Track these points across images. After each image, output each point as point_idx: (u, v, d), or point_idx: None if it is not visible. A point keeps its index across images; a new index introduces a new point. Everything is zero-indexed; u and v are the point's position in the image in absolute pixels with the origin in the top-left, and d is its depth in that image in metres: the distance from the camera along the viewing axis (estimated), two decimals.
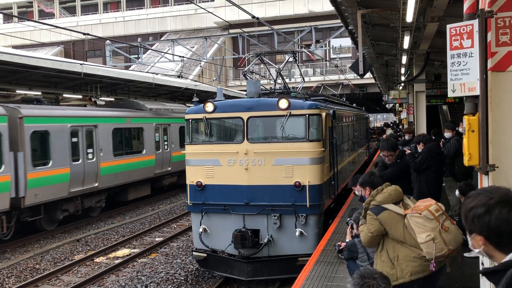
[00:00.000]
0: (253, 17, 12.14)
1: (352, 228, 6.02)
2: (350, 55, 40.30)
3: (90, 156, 15.88)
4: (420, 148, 8.58)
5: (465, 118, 3.15)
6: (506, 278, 1.71)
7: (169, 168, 20.90)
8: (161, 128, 20.68)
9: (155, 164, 19.69)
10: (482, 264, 3.25)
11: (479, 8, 3.02)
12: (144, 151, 19.11)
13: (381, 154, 7.70)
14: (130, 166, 18.16)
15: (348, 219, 6.39)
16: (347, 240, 6.05)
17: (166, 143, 20.95)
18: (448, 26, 3.21)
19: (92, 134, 16.16)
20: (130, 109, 19.56)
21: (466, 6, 3.18)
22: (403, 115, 26.45)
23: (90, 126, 16.08)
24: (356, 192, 8.40)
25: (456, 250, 3.88)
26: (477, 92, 3.05)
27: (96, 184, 16.02)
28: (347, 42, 32.65)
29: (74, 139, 15.21)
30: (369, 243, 4.36)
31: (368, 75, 16.48)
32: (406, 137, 12.68)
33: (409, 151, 8.44)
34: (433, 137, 11.42)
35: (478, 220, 1.87)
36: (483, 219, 1.85)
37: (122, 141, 18.09)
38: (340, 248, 7.61)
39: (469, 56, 3.09)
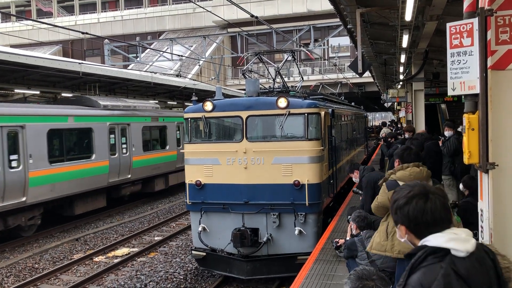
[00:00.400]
0: (252, 16, 12.13)
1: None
2: (348, 54, 40.31)
3: (14, 164, 12.84)
4: None
5: (465, 116, 3.16)
6: (414, 258, 1.93)
7: (129, 176, 17.80)
8: (118, 128, 17.39)
9: (109, 171, 16.56)
10: None
11: (479, 6, 3.03)
12: (93, 156, 15.97)
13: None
14: (74, 174, 15.01)
15: (349, 217, 6.44)
16: (347, 238, 6.08)
17: (124, 146, 17.64)
18: (448, 25, 3.21)
19: (18, 137, 13.00)
20: (77, 105, 16.59)
21: (466, 4, 3.19)
22: (402, 114, 26.49)
23: (14, 126, 12.94)
24: (354, 179, 8.49)
25: None
26: (477, 90, 3.05)
27: (24, 199, 13.03)
28: (345, 41, 32.66)
29: None
30: (374, 210, 4.67)
31: (367, 74, 16.52)
32: (406, 135, 12.70)
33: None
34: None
35: (400, 211, 2.03)
36: (403, 210, 2.01)
37: (63, 144, 14.97)
38: (338, 244, 7.65)
39: (469, 55, 3.09)
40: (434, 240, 1.95)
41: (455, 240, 1.92)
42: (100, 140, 16.25)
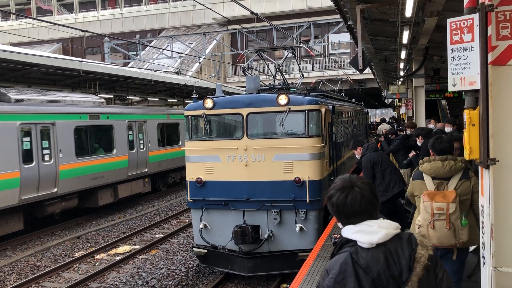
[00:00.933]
0: (252, 12, 12.11)
1: None
2: (348, 50, 40.25)
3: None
4: (419, 141, 8.60)
5: (466, 112, 3.16)
6: (335, 246, 2.20)
7: (55, 190, 14.21)
8: (36, 129, 13.65)
9: (21, 185, 12.87)
10: (483, 257, 3.27)
11: (479, 2, 3.02)
12: None
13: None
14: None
15: None
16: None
17: (47, 152, 14.05)
18: (448, 20, 3.21)
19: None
20: None
21: (466, 0, 3.19)
22: (402, 110, 26.47)
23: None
24: (356, 155, 8.50)
25: (444, 247, 4.23)
26: (477, 86, 3.05)
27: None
28: (345, 37, 32.61)
29: None
30: (408, 195, 5.04)
31: (367, 70, 16.50)
32: (408, 131, 12.70)
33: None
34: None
35: (328, 201, 2.21)
36: (330, 201, 2.19)
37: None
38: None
39: (469, 50, 3.09)
40: (346, 231, 2.16)
41: (360, 232, 2.08)
42: (3, 146, 12.53)
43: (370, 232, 2.07)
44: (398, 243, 2.07)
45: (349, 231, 2.13)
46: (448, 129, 9.57)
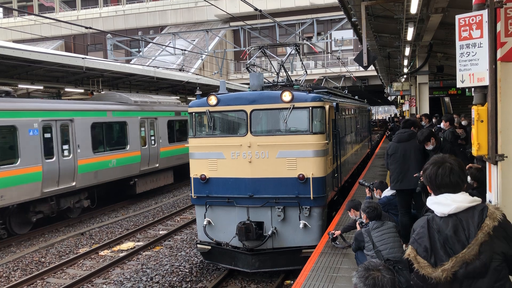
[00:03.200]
0: (256, 9, 12.10)
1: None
2: (351, 47, 40.18)
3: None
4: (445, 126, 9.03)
5: (474, 108, 3.16)
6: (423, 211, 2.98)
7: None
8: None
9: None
10: None
11: None
12: None
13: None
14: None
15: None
16: (348, 224, 6.23)
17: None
18: (457, 17, 3.20)
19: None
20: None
21: None
22: (405, 107, 26.43)
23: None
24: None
25: None
26: (486, 82, 3.04)
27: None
28: (348, 34, 32.52)
29: None
30: None
31: (370, 67, 16.45)
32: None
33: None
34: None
35: (423, 174, 2.73)
36: (425, 173, 2.69)
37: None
38: (334, 236, 7.69)
39: (478, 47, 3.08)
40: (428, 201, 2.67)
41: (436, 204, 2.60)
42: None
43: (444, 205, 2.56)
44: (470, 214, 2.51)
45: (429, 201, 2.66)
46: (443, 125, 9.75)
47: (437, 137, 6.66)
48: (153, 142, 19.57)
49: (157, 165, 19.53)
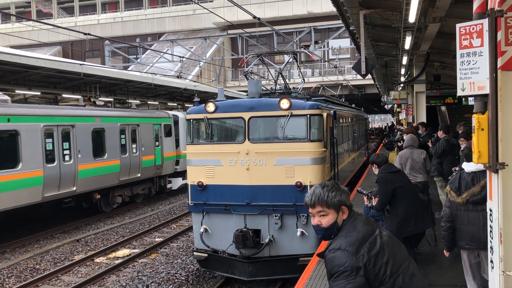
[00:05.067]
0: (254, 17, 12.14)
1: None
2: (348, 55, 40.37)
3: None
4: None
5: (475, 116, 3.17)
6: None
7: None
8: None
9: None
10: (492, 261, 3.26)
11: (489, 7, 3.03)
12: None
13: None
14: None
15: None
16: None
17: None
18: (458, 25, 3.22)
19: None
20: None
21: (475, 5, 3.20)
22: (402, 116, 26.50)
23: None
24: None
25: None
26: (486, 90, 3.06)
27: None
28: (345, 43, 32.72)
29: None
30: None
31: (367, 76, 16.51)
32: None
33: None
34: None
35: (463, 152, 4.97)
36: (464, 153, 4.73)
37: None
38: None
39: (478, 55, 3.10)
40: (463, 165, 5.11)
41: (467, 166, 4.96)
42: None
43: (470, 167, 4.91)
44: (480, 173, 4.81)
45: (464, 165, 5.07)
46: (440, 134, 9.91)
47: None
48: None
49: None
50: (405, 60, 13.63)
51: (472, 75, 3.13)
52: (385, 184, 6.41)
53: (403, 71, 16.25)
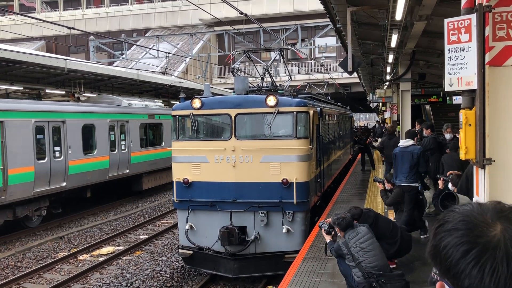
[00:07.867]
0: (241, 13, 12.08)
1: (328, 231, 5.87)
2: (335, 54, 40.49)
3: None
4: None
5: (462, 112, 3.17)
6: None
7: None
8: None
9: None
10: None
11: (477, 2, 3.03)
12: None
13: None
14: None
15: (321, 223, 6.14)
16: (327, 241, 5.97)
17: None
18: (446, 20, 3.21)
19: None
20: None
21: (464, 0, 3.19)
22: (387, 114, 26.68)
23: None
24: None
25: None
26: (474, 86, 3.05)
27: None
28: (332, 41, 32.79)
29: None
30: None
31: (354, 74, 16.55)
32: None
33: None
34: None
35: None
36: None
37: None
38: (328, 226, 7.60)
39: (466, 51, 3.09)
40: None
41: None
42: None
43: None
44: None
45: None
46: (425, 133, 9.98)
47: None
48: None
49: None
50: (391, 58, 13.69)
51: (460, 70, 3.12)
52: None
53: (388, 69, 16.33)
